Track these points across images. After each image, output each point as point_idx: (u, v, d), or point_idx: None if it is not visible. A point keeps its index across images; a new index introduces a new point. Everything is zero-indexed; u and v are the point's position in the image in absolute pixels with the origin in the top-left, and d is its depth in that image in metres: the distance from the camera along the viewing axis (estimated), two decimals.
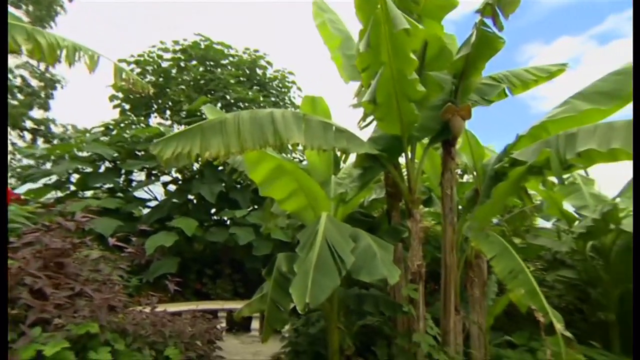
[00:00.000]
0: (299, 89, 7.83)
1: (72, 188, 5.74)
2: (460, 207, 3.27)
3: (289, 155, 6.71)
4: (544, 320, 1.81)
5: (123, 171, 5.83)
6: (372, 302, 2.77)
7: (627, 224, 2.68)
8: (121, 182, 6.00)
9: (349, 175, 2.69)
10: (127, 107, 7.21)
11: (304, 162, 5.43)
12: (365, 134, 2.99)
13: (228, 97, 6.91)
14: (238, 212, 5.26)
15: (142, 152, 5.86)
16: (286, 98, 7.59)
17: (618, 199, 3.12)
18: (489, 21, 2.48)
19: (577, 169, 2.77)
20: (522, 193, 3.89)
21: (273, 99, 7.19)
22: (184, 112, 6.59)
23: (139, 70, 7.13)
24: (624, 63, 2.62)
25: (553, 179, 4.08)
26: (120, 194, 5.90)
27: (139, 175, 6.27)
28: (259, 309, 2.69)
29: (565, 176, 3.99)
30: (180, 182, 6.27)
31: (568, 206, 3.73)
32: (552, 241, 3.68)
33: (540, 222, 4.76)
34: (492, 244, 2.26)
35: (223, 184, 5.69)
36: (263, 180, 2.64)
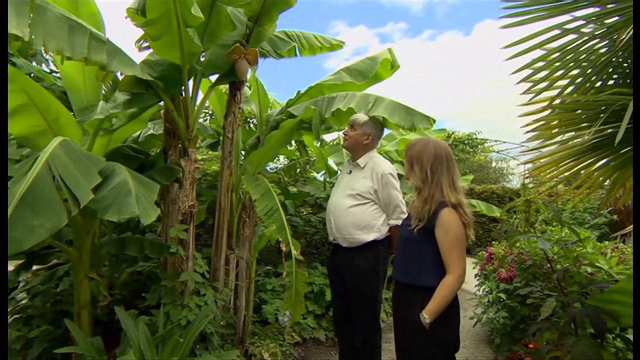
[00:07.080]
0: None
1: None
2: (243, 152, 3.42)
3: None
4: (285, 249, 2.17)
5: None
6: (136, 246, 2.53)
7: None
8: None
9: (113, 101, 2.21)
10: None
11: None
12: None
13: None
14: None
15: None
16: None
17: None
18: None
19: (335, 130, 3.38)
20: (301, 147, 4.51)
21: None
22: None
23: None
24: (375, 52, 3.33)
25: (326, 138, 4.97)
26: None
27: None
28: None
29: (333, 138, 4.94)
30: None
31: (332, 162, 4.60)
32: (316, 189, 4.55)
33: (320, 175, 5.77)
34: (258, 186, 2.47)
35: None
36: None
